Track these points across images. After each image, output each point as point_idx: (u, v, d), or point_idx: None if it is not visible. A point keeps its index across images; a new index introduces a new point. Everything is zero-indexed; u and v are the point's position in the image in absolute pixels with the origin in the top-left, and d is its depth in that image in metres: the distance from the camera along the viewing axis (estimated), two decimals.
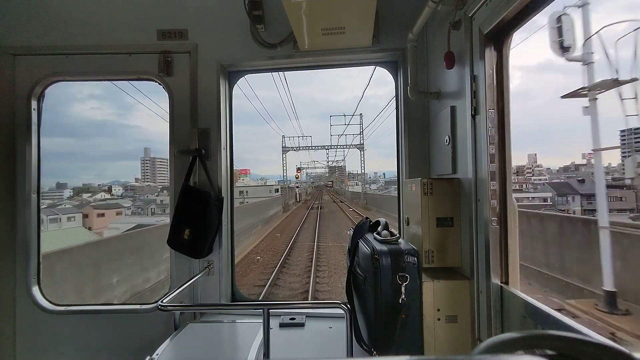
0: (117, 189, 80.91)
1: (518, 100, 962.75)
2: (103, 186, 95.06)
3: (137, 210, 57.63)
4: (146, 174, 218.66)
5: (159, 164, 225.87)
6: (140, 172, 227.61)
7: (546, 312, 1.09)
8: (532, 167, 73.04)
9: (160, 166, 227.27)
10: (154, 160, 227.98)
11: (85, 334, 2.06)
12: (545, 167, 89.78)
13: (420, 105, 2.00)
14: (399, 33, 1.98)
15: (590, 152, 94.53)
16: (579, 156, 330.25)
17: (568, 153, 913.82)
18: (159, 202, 58.84)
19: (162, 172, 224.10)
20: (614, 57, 5.16)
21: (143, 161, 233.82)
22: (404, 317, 1.23)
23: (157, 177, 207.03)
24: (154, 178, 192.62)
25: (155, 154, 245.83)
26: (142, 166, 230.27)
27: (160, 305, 1.54)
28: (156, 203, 58.73)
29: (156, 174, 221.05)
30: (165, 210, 50.16)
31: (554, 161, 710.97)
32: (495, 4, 1.25)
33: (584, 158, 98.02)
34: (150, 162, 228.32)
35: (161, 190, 64.89)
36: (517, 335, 0.41)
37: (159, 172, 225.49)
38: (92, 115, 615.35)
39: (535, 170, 69.19)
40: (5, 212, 2.06)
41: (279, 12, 1.89)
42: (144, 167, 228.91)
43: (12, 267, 2.07)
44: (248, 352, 1.50)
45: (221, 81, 2.11)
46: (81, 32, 2.09)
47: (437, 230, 1.58)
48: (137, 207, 59.23)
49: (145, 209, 57.89)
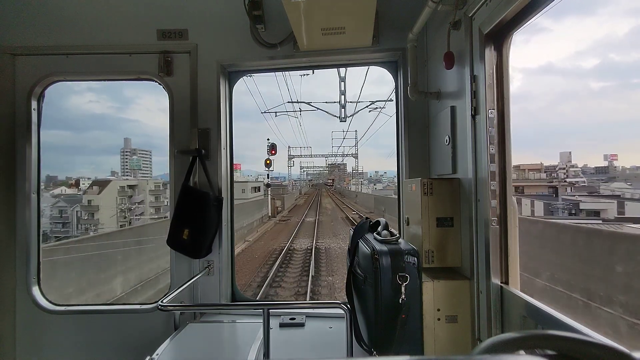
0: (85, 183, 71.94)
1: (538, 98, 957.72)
2: (71, 179, 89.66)
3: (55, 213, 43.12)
4: (126, 167, 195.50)
5: (142, 157, 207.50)
6: (120, 166, 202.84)
7: (546, 312, 1.09)
8: (566, 167, 62.59)
9: (143, 159, 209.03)
10: (135, 152, 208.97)
11: (85, 333, 2.06)
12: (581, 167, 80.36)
13: (420, 105, 2.00)
14: (399, 33, 1.98)
15: (613, 154, 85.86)
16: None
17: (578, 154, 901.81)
18: (86, 202, 41.92)
19: (144, 165, 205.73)
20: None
21: (123, 153, 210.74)
22: (404, 317, 1.23)
23: (137, 172, 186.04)
24: (135, 172, 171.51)
25: (140, 147, 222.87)
26: (122, 159, 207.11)
27: (160, 305, 1.54)
28: (82, 204, 42.20)
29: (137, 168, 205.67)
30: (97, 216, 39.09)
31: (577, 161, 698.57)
32: (495, 4, 1.25)
33: (606, 159, 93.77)
34: (130, 154, 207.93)
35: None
36: (517, 335, 0.41)
37: (142, 165, 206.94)
38: (90, 109, 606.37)
39: (570, 171, 59.21)
40: (5, 212, 2.06)
41: (279, 12, 1.89)
42: (123, 160, 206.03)
43: (12, 267, 2.06)
44: (248, 352, 1.50)
45: (221, 81, 2.11)
46: (81, 32, 2.09)
47: (437, 230, 1.58)
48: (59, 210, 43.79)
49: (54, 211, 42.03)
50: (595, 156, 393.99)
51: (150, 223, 16.28)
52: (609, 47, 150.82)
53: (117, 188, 44.26)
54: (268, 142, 22.15)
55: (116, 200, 43.12)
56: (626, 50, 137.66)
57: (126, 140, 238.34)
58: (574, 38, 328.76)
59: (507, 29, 1.31)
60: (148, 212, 45.55)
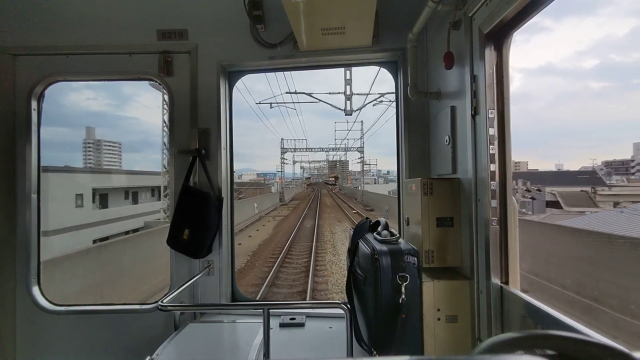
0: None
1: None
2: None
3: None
4: (88, 160, 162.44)
5: (107, 149, 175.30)
6: (82, 159, 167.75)
7: (546, 312, 1.09)
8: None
9: (109, 151, 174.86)
10: (100, 143, 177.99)
11: (85, 334, 2.06)
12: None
13: (420, 105, 2.00)
14: (399, 33, 1.98)
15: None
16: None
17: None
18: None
19: (110, 158, 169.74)
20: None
21: (85, 145, 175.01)
22: (404, 317, 1.23)
23: (102, 166, 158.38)
24: (99, 166, 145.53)
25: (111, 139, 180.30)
26: (85, 151, 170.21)
27: (160, 305, 1.54)
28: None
29: (102, 161, 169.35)
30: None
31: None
32: (495, 4, 1.25)
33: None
34: (94, 145, 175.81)
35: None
36: (517, 335, 0.41)
37: (108, 158, 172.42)
38: (88, 106, 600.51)
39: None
40: (5, 212, 2.06)
41: (279, 12, 1.89)
42: (86, 152, 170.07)
43: (12, 267, 2.06)
44: (248, 352, 1.50)
45: (221, 81, 2.11)
46: (81, 32, 2.09)
47: (437, 230, 1.58)
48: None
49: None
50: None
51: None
52: (609, 47, 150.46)
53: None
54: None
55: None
56: (626, 50, 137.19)
57: (88, 129, 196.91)
58: (574, 39, 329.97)
59: (507, 28, 1.31)
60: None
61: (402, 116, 2.08)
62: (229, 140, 2.22)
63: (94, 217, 16.79)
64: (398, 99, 2.14)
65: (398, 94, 2.14)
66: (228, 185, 2.20)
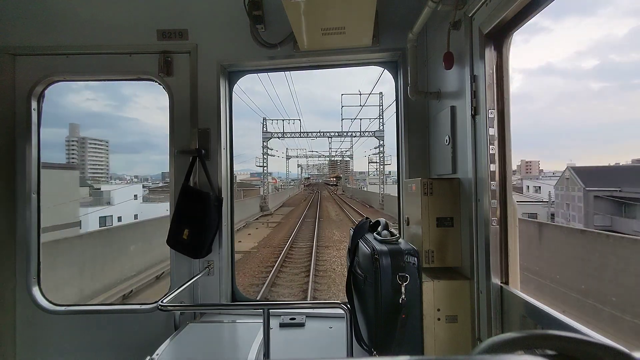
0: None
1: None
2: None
3: None
4: (72, 158, 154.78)
5: (92, 148, 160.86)
6: (65, 157, 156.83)
7: (546, 312, 1.09)
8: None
9: (94, 150, 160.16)
10: (84, 140, 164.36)
11: (85, 334, 2.06)
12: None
13: (420, 105, 2.00)
14: (399, 33, 1.98)
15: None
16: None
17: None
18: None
19: (95, 158, 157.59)
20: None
21: (68, 142, 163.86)
22: (404, 317, 1.23)
23: (87, 166, 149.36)
24: (83, 166, 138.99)
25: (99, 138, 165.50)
26: (67, 149, 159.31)
27: (160, 305, 1.54)
28: None
29: (86, 161, 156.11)
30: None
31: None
32: (495, 4, 1.25)
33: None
34: (78, 143, 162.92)
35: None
36: (517, 335, 0.41)
37: (92, 157, 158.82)
38: (88, 107, 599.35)
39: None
40: (5, 212, 2.06)
41: (279, 12, 1.89)
42: (69, 151, 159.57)
43: (12, 267, 2.06)
44: (248, 352, 1.50)
45: (221, 81, 2.11)
46: (81, 32, 2.09)
47: (437, 230, 1.58)
48: None
49: None
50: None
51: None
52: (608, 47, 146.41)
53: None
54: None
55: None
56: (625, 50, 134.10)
57: (72, 126, 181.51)
58: (574, 39, 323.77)
59: (507, 29, 1.31)
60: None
61: (402, 116, 2.08)
62: (229, 140, 2.22)
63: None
64: (398, 98, 2.14)
65: (398, 94, 2.14)
66: (228, 185, 2.20)
